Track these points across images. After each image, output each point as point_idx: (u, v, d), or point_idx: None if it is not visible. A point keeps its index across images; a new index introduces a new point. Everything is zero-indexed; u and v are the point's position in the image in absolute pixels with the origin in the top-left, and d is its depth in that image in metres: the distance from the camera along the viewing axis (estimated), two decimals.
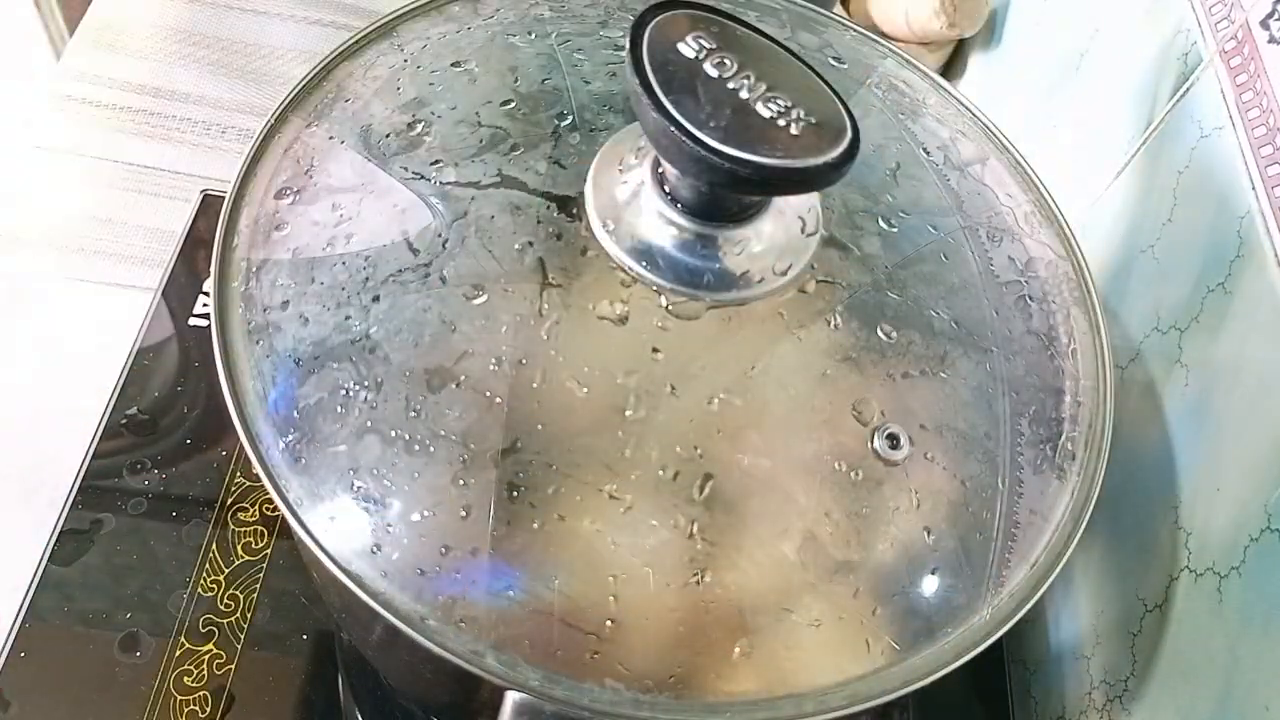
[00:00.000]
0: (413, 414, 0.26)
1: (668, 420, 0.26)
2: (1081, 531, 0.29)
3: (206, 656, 0.43)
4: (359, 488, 0.26)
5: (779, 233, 0.28)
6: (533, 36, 0.33)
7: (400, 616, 0.25)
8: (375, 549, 0.26)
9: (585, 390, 0.26)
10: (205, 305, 0.53)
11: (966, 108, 0.36)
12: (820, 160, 0.24)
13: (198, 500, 0.47)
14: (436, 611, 0.25)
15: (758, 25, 0.26)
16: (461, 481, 0.26)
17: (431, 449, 0.26)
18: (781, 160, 0.24)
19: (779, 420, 0.27)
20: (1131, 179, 0.42)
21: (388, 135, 0.31)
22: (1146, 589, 0.36)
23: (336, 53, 0.33)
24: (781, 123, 0.24)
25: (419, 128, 0.31)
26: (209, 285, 0.29)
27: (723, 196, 0.27)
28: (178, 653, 0.43)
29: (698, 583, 0.26)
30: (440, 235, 0.28)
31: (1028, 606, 0.28)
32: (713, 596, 0.26)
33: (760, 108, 0.24)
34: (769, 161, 0.24)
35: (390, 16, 0.34)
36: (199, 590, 0.44)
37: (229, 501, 0.47)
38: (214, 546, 0.45)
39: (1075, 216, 0.42)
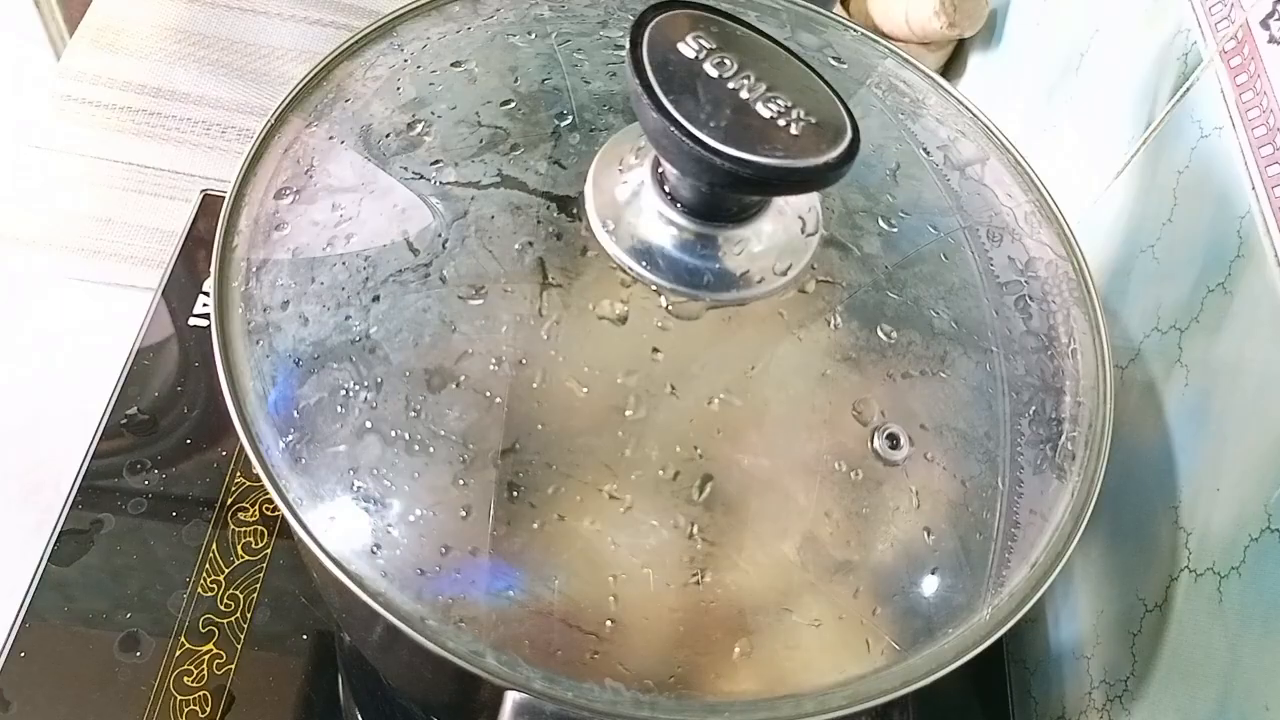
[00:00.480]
0: (413, 414, 0.26)
1: (667, 420, 0.26)
2: (1081, 531, 0.29)
3: (206, 656, 0.43)
4: (359, 488, 0.26)
5: (779, 233, 0.28)
6: (533, 36, 0.33)
7: (400, 616, 0.25)
8: (375, 549, 0.26)
9: (585, 390, 0.26)
10: (205, 305, 0.53)
11: (966, 108, 0.36)
12: (820, 160, 0.24)
13: (198, 500, 0.47)
14: (436, 611, 0.25)
15: (758, 25, 0.26)
16: (461, 481, 0.26)
17: (431, 449, 0.26)
18: (781, 160, 0.24)
19: (779, 420, 0.27)
20: (1131, 179, 0.42)
21: (388, 135, 0.31)
22: (1146, 589, 0.35)
23: (336, 53, 0.33)
24: (781, 123, 0.24)
25: (419, 128, 0.31)
26: (209, 285, 0.29)
27: (723, 196, 0.27)
28: (178, 653, 0.43)
29: (698, 583, 0.26)
30: (440, 235, 0.28)
31: (1028, 606, 0.28)
32: (713, 596, 0.26)
33: (760, 108, 0.24)
34: (769, 161, 0.24)
35: (390, 16, 0.34)
36: (199, 590, 0.44)
37: (229, 501, 0.47)
38: (214, 546, 0.45)
39: (1075, 216, 0.42)
